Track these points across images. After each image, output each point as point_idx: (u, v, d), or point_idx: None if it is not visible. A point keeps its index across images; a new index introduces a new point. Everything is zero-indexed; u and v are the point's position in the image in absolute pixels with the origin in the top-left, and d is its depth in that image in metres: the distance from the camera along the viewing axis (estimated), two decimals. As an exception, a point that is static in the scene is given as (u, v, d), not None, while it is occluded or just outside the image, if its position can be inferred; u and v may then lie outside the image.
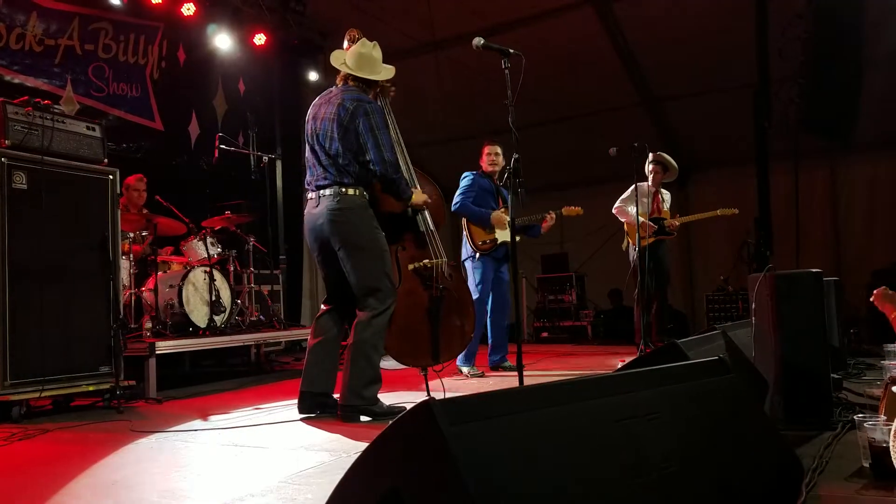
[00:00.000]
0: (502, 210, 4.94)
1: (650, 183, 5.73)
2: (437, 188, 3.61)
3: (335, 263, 3.19)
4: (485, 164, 5.05)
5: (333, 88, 3.30)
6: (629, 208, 5.56)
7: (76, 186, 3.67)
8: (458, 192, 4.97)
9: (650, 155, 5.63)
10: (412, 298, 3.33)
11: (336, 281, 3.26)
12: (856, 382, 3.39)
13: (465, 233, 4.93)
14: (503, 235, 4.86)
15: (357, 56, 3.24)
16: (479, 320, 4.73)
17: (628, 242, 5.79)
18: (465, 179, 5.01)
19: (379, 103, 3.30)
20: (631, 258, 5.74)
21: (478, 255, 4.87)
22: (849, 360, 3.93)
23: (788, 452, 1.75)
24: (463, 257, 5.00)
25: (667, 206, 5.82)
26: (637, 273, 5.49)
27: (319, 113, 3.24)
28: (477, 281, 4.83)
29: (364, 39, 3.27)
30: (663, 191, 5.82)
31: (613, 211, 5.79)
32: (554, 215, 5.13)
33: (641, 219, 5.38)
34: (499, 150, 5.05)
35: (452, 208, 4.91)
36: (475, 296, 4.76)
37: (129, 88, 6.17)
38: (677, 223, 5.72)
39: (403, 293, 3.29)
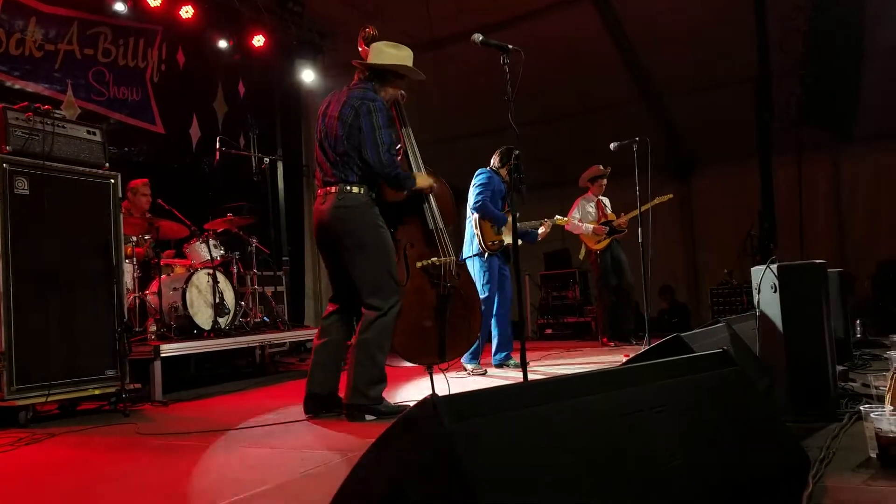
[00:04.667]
0: (507, 212, 4.94)
1: (594, 193, 6.42)
2: (448, 188, 3.59)
3: (340, 261, 3.18)
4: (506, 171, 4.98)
5: (345, 87, 3.30)
6: (577, 222, 6.30)
7: (78, 191, 3.67)
8: (477, 191, 4.87)
9: (600, 168, 6.29)
10: (420, 296, 3.32)
11: (341, 278, 3.24)
12: (861, 373, 3.38)
13: (475, 230, 4.86)
14: (509, 237, 4.84)
15: (372, 50, 3.26)
16: (486, 318, 4.72)
17: (586, 251, 6.51)
18: (483, 177, 4.91)
19: (383, 99, 3.27)
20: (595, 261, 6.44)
21: (486, 254, 4.84)
22: (854, 351, 3.92)
23: (794, 444, 1.74)
24: (466, 255, 4.96)
25: (609, 209, 6.47)
26: (601, 274, 6.35)
27: (328, 111, 3.24)
28: (485, 279, 4.81)
29: (384, 41, 3.29)
30: (602, 197, 6.48)
31: (567, 228, 6.26)
32: (549, 224, 5.29)
33: (591, 226, 6.30)
34: None
35: (473, 206, 4.85)
36: (483, 294, 4.74)
37: (129, 92, 6.18)
38: (624, 221, 6.28)
39: (411, 291, 3.28)
